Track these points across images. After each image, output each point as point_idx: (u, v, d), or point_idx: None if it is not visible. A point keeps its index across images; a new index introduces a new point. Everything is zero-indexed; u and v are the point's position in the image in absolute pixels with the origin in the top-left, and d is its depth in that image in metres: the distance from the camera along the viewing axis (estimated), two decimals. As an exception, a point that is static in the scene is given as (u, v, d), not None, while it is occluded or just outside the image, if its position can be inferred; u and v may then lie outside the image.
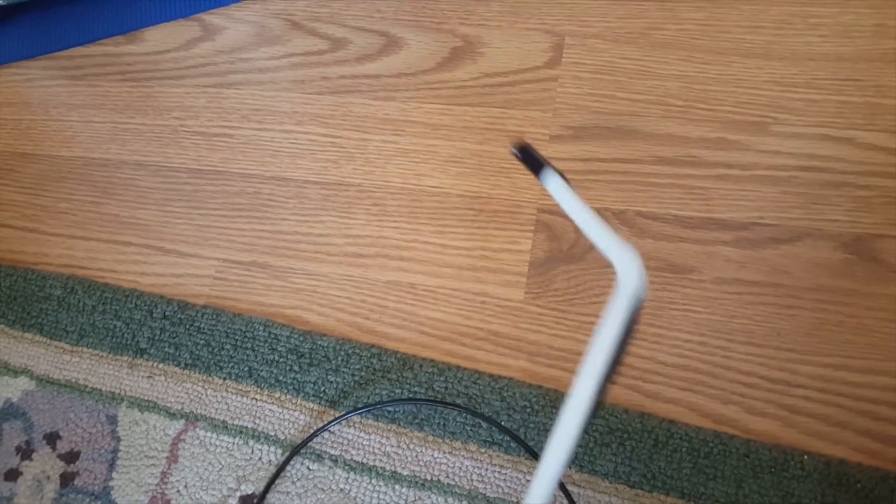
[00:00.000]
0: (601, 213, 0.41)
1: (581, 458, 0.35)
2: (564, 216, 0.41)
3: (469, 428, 0.37)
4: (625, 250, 0.16)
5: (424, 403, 0.38)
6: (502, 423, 0.37)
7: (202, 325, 0.43)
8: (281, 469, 0.38)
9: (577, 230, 0.41)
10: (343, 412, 0.39)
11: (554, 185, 0.22)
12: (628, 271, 0.15)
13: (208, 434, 0.40)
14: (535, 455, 0.36)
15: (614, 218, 0.41)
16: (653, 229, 0.40)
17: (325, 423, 0.38)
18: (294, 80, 0.49)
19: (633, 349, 0.38)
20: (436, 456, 0.37)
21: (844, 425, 0.34)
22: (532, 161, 0.24)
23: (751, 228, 0.39)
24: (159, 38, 0.54)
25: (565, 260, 0.40)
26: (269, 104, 0.49)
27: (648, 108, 0.44)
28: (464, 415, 0.37)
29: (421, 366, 0.39)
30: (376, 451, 0.38)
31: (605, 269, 0.40)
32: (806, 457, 0.34)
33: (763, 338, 0.37)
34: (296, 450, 0.38)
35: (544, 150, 0.44)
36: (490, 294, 0.41)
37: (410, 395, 0.39)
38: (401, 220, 0.43)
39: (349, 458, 0.38)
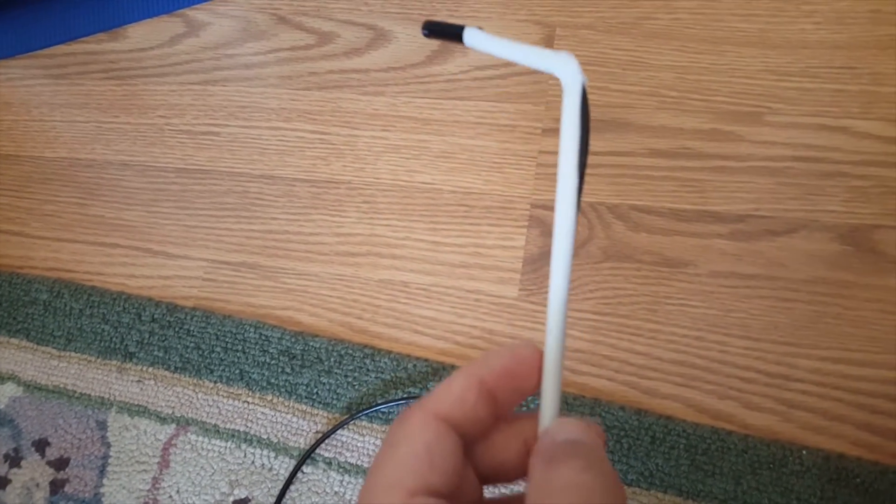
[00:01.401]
0: (596, 207, 0.41)
1: (578, 457, 0.35)
2: (558, 211, 0.41)
3: (464, 428, 0.37)
4: (559, 55, 0.19)
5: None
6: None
7: (192, 328, 0.42)
8: (292, 477, 0.37)
9: (571, 225, 0.40)
10: (347, 416, 0.38)
11: (479, 38, 0.22)
12: (567, 68, 0.18)
13: (200, 438, 0.39)
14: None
15: (609, 212, 0.40)
16: (647, 223, 0.40)
17: (333, 427, 0.38)
18: (281, 75, 0.49)
19: (629, 345, 0.37)
20: (431, 457, 0.37)
21: (843, 419, 0.34)
22: (447, 31, 0.23)
23: (746, 221, 0.39)
24: (142, 34, 0.53)
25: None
26: (255, 101, 0.48)
27: (642, 100, 0.43)
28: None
29: (415, 366, 0.39)
30: (371, 452, 0.37)
31: (599, 265, 0.39)
32: (805, 452, 0.33)
33: (760, 331, 0.36)
34: (306, 455, 0.37)
35: (537, 143, 0.43)
36: (484, 291, 0.40)
37: (405, 395, 0.38)
38: (392, 218, 0.43)
39: (343, 460, 0.37)
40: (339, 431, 0.38)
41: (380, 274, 0.42)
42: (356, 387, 0.39)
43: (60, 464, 0.40)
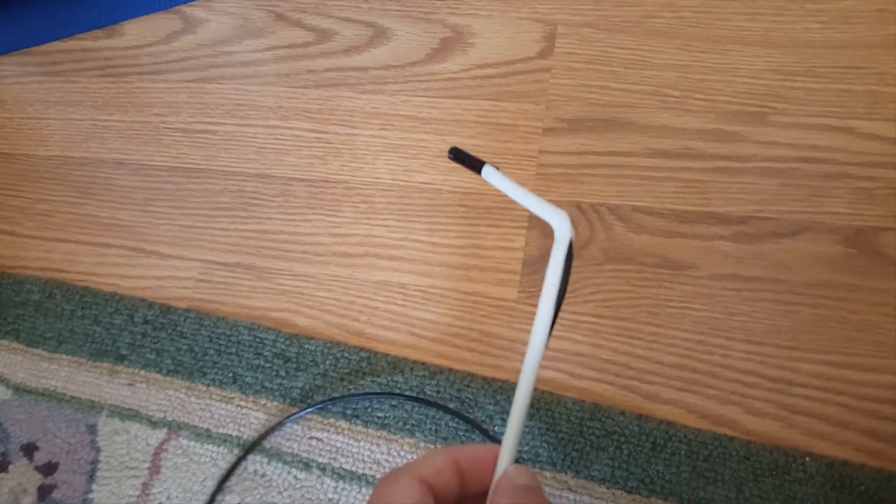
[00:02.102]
0: (597, 207, 0.40)
1: (577, 463, 0.35)
2: (558, 212, 0.41)
3: (462, 433, 0.36)
4: (556, 211, 0.23)
5: (386, 398, 0.37)
6: (496, 427, 0.36)
7: (185, 330, 0.42)
8: (231, 470, 0.37)
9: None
10: (304, 408, 0.38)
11: (495, 177, 0.27)
12: (560, 223, 0.22)
13: (192, 443, 0.39)
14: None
15: (610, 213, 0.40)
16: (649, 224, 0.39)
17: (284, 417, 0.37)
18: (279, 73, 0.48)
19: (629, 349, 0.37)
20: (428, 462, 0.36)
21: (847, 425, 0.34)
22: (469, 161, 0.28)
23: (749, 222, 0.39)
24: (139, 31, 0.53)
25: (559, 257, 0.39)
26: (252, 99, 0.48)
27: (644, 99, 0.43)
28: (457, 419, 0.37)
29: (412, 369, 0.38)
30: (366, 458, 0.37)
31: (599, 267, 0.39)
32: (808, 459, 0.33)
33: (763, 335, 0.36)
34: (249, 449, 0.37)
35: (537, 143, 0.43)
36: (483, 293, 0.40)
37: (401, 399, 0.38)
38: (390, 218, 0.42)
39: (338, 466, 0.37)
40: (333, 437, 0.38)
41: (377, 275, 0.41)
42: (352, 390, 0.38)
43: (49, 469, 0.40)
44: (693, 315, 0.37)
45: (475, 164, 0.28)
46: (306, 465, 0.37)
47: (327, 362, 0.39)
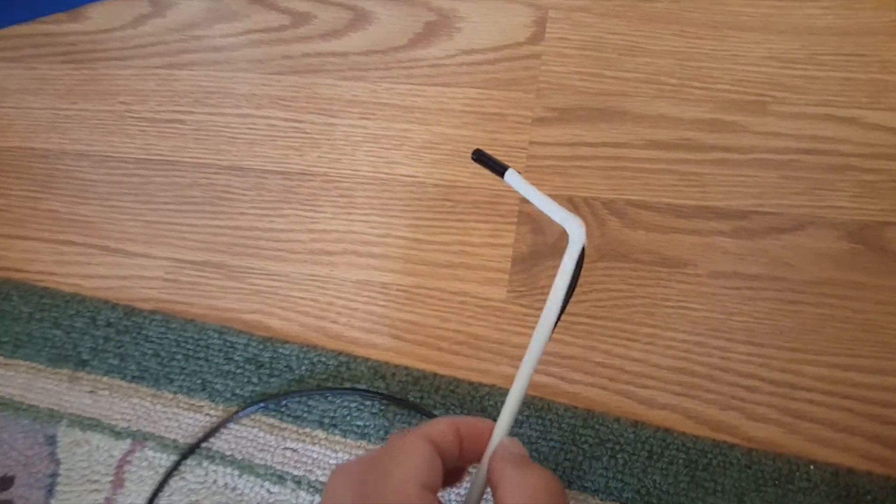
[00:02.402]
0: (590, 202, 0.38)
1: (569, 474, 0.33)
2: (549, 206, 0.39)
3: (447, 441, 0.34)
4: (574, 218, 0.25)
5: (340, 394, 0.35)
6: (483, 435, 0.34)
7: (150, 333, 0.39)
8: (168, 476, 0.35)
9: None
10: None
11: (517, 181, 0.29)
12: (577, 230, 0.25)
13: (157, 455, 0.37)
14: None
15: (603, 207, 0.38)
16: (644, 219, 0.38)
17: (224, 419, 0.35)
18: (252, 59, 0.45)
19: (624, 351, 0.35)
20: (411, 473, 0.34)
21: (852, 430, 0.32)
22: (493, 164, 0.30)
23: (749, 217, 0.37)
24: (104, 15, 0.50)
25: (551, 254, 0.37)
26: (224, 86, 0.45)
27: (639, 88, 0.41)
28: (441, 427, 0.35)
29: (394, 374, 0.36)
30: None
31: (593, 265, 0.37)
32: (812, 466, 0.31)
33: (764, 336, 0.34)
34: (192, 448, 0.35)
35: (527, 134, 0.41)
36: (469, 293, 0.38)
37: (382, 406, 0.36)
38: (371, 213, 0.40)
39: (314, 479, 0.35)
40: (309, 447, 0.35)
41: (357, 274, 0.39)
42: (330, 398, 0.36)
43: (4, 483, 0.37)
44: (691, 315, 0.35)
45: (498, 168, 0.30)
46: (280, 478, 0.35)
47: (303, 368, 0.37)
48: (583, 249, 0.25)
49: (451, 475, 0.25)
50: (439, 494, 0.23)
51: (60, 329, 0.40)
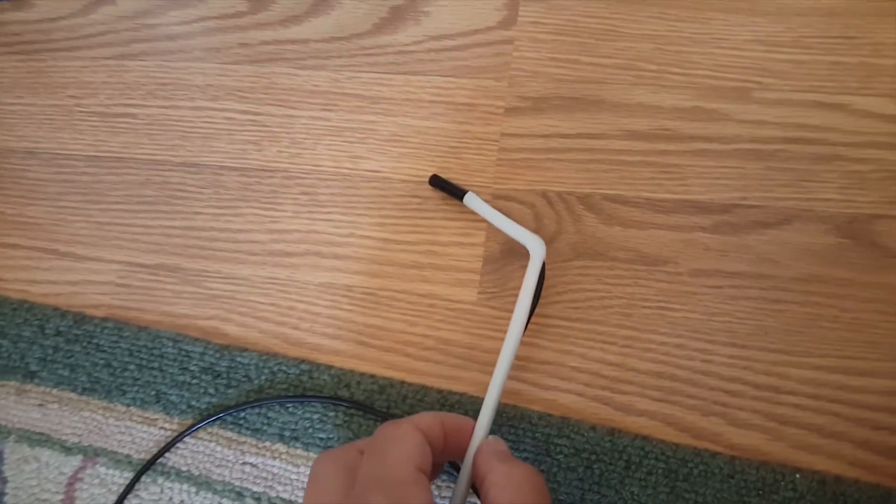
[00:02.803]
0: (564, 197, 0.36)
1: (543, 486, 0.31)
2: (522, 201, 0.36)
3: (414, 454, 0.33)
4: (532, 236, 0.30)
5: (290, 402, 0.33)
6: (453, 446, 0.33)
7: (102, 342, 0.37)
8: (122, 498, 0.33)
9: (536, 217, 0.36)
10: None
11: (476, 203, 0.32)
12: (538, 248, 0.29)
13: (110, 471, 0.34)
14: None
15: (579, 203, 0.36)
16: (622, 215, 0.35)
17: (181, 432, 0.33)
18: (208, 48, 0.43)
19: (601, 355, 0.33)
20: (376, 488, 0.32)
21: (840, 436, 0.30)
22: (451, 188, 0.34)
23: (732, 211, 0.35)
24: (51, 2, 0.47)
25: (524, 253, 0.35)
26: (178, 77, 0.42)
27: (616, 74, 0.38)
28: (408, 438, 0.33)
29: (359, 382, 0.34)
30: (304, 486, 0.33)
31: (567, 263, 0.35)
32: (798, 475, 0.30)
33: (748, 338, 0.32)
34: (147, 465, 0.33)
35: (499, 125, 0.38)
36: (438, 295, 0.36)
37: (346, 417, 0.34)
38: (334, 212, 0.38)
39: (275, 495, 0.33)
40: (269, 462, 0.33)
41: (320, 277, 0.37)
42: (291, 409, 0.34)
43: (-55, 504, 0.35)
44: (671, 316, 0.33)
45: (457, 192, 0.33)
46: (239, 495, 0.33)
47: (262, 377, 0.35)
48: (543, 265, 0.29)
49: (433, 469, 0.26)
50: None
51: (7, 338, 0.38)
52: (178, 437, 0.34)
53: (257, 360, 0.35)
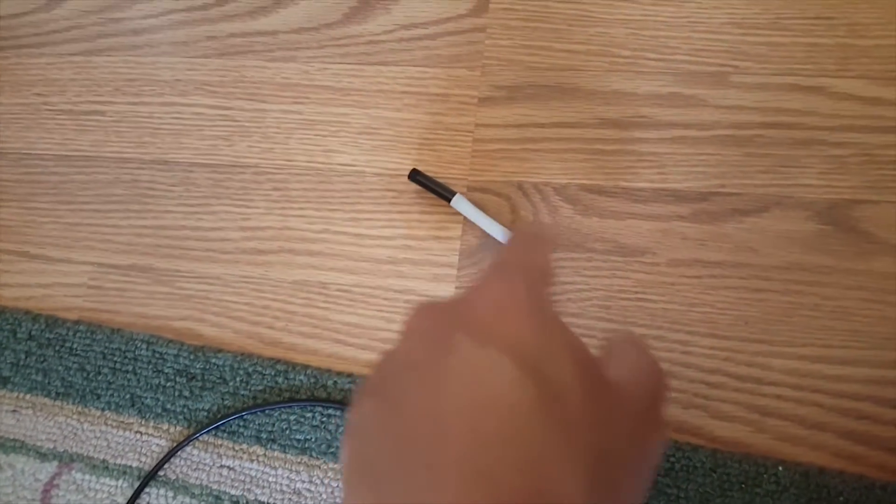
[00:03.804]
0: (540, 188, 0.33)
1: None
2: (498, 193, 0.33)
3: (392, 454, 0.30)
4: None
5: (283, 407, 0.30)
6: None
7: (75, 346, 0.34)
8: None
9: (512, 209, 0.33)
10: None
11: (465, 206, 0.30)
12: None
13: (86, 477, 0.31)
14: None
15: (555, 194, 0.33)
16: (599, 205, 0.32)
17: (181, 442, 0.30)
18: (175, 41, 0.39)
19: (580, 348, 0.30)
20: (354, 490, 0.29)
21: (823, 426, 0.28)
22: (435, 187, 0.31)
23: (711, 199, 0.32)
24: (18, -3, 0.42)
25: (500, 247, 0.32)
26: (146, 72, 0.38)
27: (591, 61, 0.35)
28: (386, 438, 0.30)
29: (335, 382, 0.31)
30: (284, 488, 0.30)
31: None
32: (781, 468, 0.27)
33: (728, 328, 0.30)
34: (145, 481, 0.30)
35: (472, 115, 0.35)
36: (416, 291, 0.32)
37: (324, 418, 0.31)
38: (308, 207, 0.34)
39: (252, 498, 0.30)
40: (246, 464, 0.30)
41: (294, 274, 0.33)
42: (267, 411, 0.31)
43: (-84, 516, 0.32)
44: (649, 307, 0.30)
45: (442, 193, 0.31)
46: (217, 499, 0.30)
47: (238, 378, 0.32)
48: None
49: None
50: None
51: (-23, 345, 0.35)
52: (181, 445, 0.31)
53: (232, 361, 0.32)
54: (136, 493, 0.30)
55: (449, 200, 0.30)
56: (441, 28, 0.36)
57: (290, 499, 0.29)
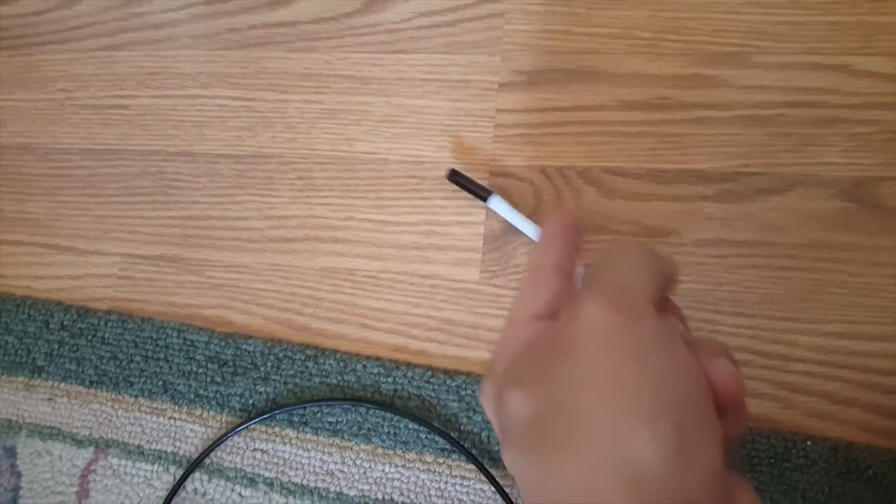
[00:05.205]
0: (563, 171, 0.32)
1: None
2: (521, 178, 0.32)
3: (424, 436, 0.29)
4: None
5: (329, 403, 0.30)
6: (462, 426, 0.29)
7: (107, 335, 0.33)
8: (175, 491, 0.30)
9: (535, 194, 0.32)
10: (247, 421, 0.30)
11: (501, 207, 0.29)
12: None
13: (122, 462, 0.31)
14: (485, 471, 0.28)
15: (578, 177, 0.32)
16: (623, 187, 0.32)
17: (228, 430, 0.30)
18: (196, 34, 0.38)
19: (606, 329, 0.30)
20: (387, 471, 0.29)
21: (851, 402, 0.27)
22: (473, 187, 0.30)
23: (735, 179, 0.31)
24: (39, -5, 0.42)
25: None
26: (168, 66, 0.38)
27: (611, 44, 0.34)
28: (417, 421, 0.29)
29: (364, 366, 0.31)
30: (318, 469, 0.30)
31: (571, 237, 0.31)
32: (809, 442, 0.27)
33: (754, 306, 0.29)
34: (189, 469, 0.30)
35: (493, 101, 0.34)
36: (440, 276, 0.32)
37: (355, 400, 0.30)
38: (332, 196, 0.34)
39: (286, 480, 0.30)
40: (279, 447, 0.30)
41: (320, 261, 0.33)
42: (298, 395, 0.31)
43: (-40, 502, 0.32)
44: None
45: (479, 193, 0.30)
46: (251, 481, 0.30)
47: (268, 364, 0.31)
48: None
49: None
50: None
51: (12, 335, 0.34)
52: (226, 435, 0.30)
53: (262, 347, 0.31)
54: (183, 478, 0.30)
55: (485, 200, 0.30)
56: (460, 14, 0.35)
57: (322, 479, 0.29)
